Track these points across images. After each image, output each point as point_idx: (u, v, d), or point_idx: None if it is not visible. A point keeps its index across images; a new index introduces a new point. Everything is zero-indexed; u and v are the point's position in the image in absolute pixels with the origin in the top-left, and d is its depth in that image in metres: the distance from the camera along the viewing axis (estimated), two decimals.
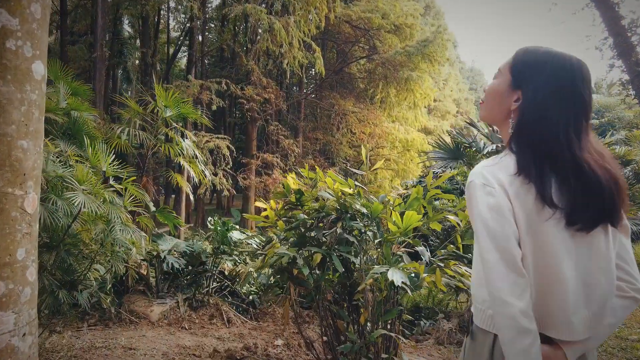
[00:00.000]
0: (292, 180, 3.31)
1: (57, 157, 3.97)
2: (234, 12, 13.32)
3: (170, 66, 23.20)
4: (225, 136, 13.26)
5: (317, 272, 3.42)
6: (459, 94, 44.88)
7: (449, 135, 8.12)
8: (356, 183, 3.40)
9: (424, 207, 3.77)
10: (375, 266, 2.76)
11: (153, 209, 6.45)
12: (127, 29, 31.17)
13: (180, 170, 7.77)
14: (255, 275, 4.44)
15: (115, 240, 3.33)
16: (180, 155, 6.15)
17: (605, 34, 8.67)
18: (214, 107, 12.99)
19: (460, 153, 7.85)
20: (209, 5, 29.41)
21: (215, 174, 12.96)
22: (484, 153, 6.85)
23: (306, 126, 19.78)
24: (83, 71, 25.24)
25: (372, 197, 3.58)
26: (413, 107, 20.86)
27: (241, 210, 17.21)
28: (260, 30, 14.64)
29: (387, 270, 2.59)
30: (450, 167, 7.86)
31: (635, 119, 27.12)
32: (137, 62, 26.21)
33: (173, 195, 19.52)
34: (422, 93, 18.45)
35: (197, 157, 6.36)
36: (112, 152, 7.61)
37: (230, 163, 13.02)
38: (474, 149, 7.51)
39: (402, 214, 3.51)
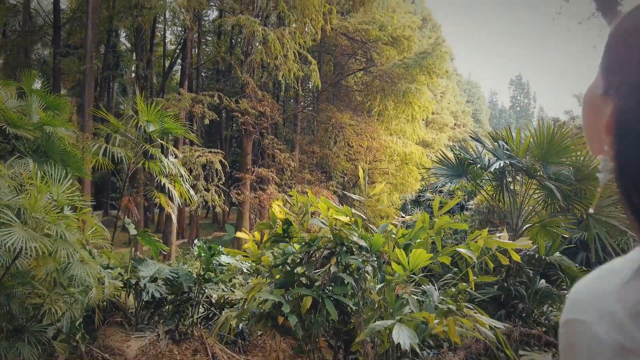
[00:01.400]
0: (278, 209, 2.85)
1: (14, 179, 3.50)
2: (227, 23, 13.00)
3: (166, 79, 22.88)
4: (219, 150, 12.81)
5: (309, 314, 2.94)
6: (457, 106, 44.80)
7: (452, 150, 7.72)
8: (353, 211, 2.95)
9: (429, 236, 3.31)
10: (377, 322, 2.28)
11: (134, 232, 5.97)
12: (124, 42, 31.03)
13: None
14: (233, 323, 3.93)
15: (74, 279, 2.83)
16: (162, 174, 5.68)
17: None
18: (206, 121, 12.58)
19: (464, 169, 7.42)
20: (206, 18, 29.31)
21: (207, 190, 12.48)
22: (491, 170, 6.42)
23: (302, 139, 19.39)
24: (77, 84, 24.95)
25: (372, 227, 3.12)
26: (411, 120, 20.53)
27: (235, 226, 16.70)
28: (257, 43, 14.33)
29: (392, 324, 2.12)
30: (453, 185, 7.46)
31: None
32: (133, 75, 25.93)
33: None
34: (420, 106, 18.13)
35: (182, 176, 5.88)
36: (99, 169, 7.14)
37: (223, 178, 12.56)
38: (478, 165, 7.08)
39: (406, 247, 3.03)
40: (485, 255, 3.66)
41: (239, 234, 3.05)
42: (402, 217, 3.46)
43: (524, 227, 7.48)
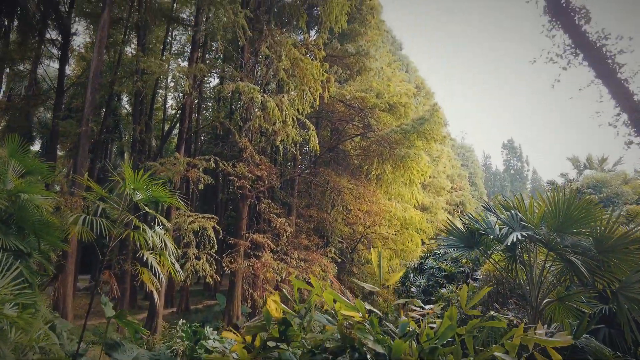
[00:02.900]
0: (274, 306, 2.31)
1: None
2: (227, 90, 13.15)
3: (164, 142, 22.96)
4: (212, 216, 12.30)
5: None
6: (452, 170, 45.19)
7: (461, 220, 7.28)
8: (367, 306, 2.42)
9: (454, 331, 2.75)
10: None
11: (111, 313, 5.30)
12: (125, 106, 31.78)
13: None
14: None
15: None
16: (146, 248, 5.14)
17: (617, 110, 8.34)
18: (200, 187, 12.23)
19: (475, 241, 6.92)
20: (207, 84, 30.29)
21: (198, 258, 11.78)
22: (507, 243, 5.88)
23: (300, 203, 18.98)
24: (75, 146, 25.01)
25: (390, 326, 2.56)
26: (409, 183, 20.34)
27: (226, 295, 15.69)
28: (255, 110, 14.44)
29: None
30: (465, 257, 6.94)
31: (634, 194, 26.82)
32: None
33: None
34: (419, 170, 18.02)
35: (167, 249, 5.34)
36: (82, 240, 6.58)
37: (215, 246, 11.92)
38: (491, 236, 6.60)
39: (433, 352, 2.46)
40: (523, 357, 3.07)
41: (225, 334, 2.47)
42: (422, 307, 2.90)
43: (543, 302, 6.84)
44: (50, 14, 19.88)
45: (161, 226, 5.67)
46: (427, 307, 3.01)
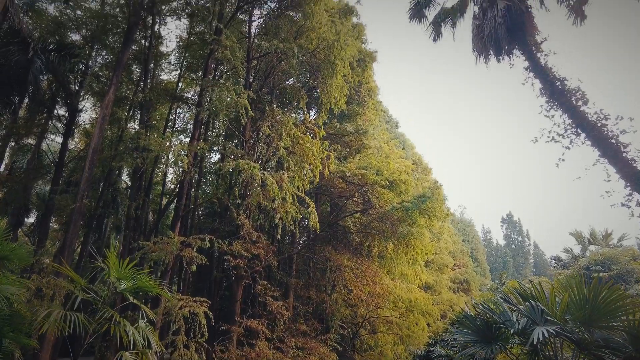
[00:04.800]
0: None
1: None
2: (227, 167, 13.09)
3: (161, 217, 22.54)
4: (204, 300, 11.49)
5: None
6: (454, 246, 44.33)
7: (475, 308, 6.66)
8: None
9: None
10: None
11: None
12: (125, 180, 31.78)
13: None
14: None
15: None
16: (127, 346, 4.51)
17: (627, 190, 8.13)
18: (193, 267, 11.61)
19: (493, 335, 6.24)
20: (208, 160, 30.60)
21: (187, 347, 10.76)
22: (534, 342, 5.22)
23: (298, 283, 18.05)
24: (68, 221, 24.50)
25: None
26: (412, 262, 19.60)
27: None
28: (255, 185, 14.28)
29: None
30: (485, 354, 6.16)
31: None
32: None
33: None
34: (422, 249, 17.44)
35: (151, 346, 4.70)
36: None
37: (206, 334, 10.96)
38: (511, 330, 5.94)
39: None
40: None
41: None
42: None
43: None
44: (60, 92, 20.62)
45: (145, 320, 5.06)
46: None
